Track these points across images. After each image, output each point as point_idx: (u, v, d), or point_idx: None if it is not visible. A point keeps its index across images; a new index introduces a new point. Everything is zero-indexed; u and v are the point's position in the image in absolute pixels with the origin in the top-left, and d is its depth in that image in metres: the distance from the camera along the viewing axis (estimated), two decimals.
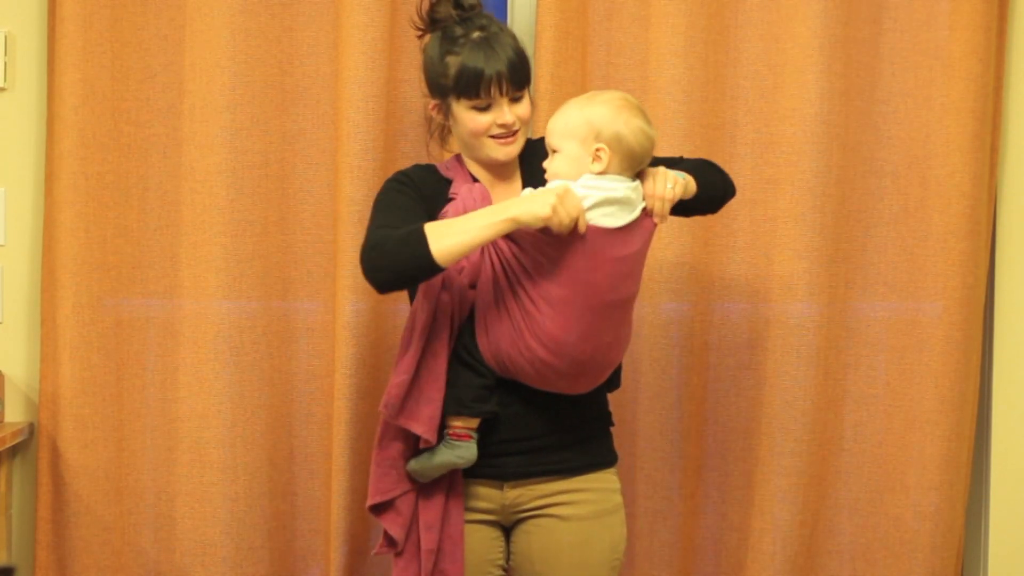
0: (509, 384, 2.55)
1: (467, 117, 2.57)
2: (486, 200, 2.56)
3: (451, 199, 2.59)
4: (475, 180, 2.64)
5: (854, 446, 3.19)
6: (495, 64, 2.52)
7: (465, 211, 2.53)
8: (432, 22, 2.63)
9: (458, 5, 2.60)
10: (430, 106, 2.65)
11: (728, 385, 3.17)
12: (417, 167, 2.69)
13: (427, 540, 2.56)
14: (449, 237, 2.38)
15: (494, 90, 2.53)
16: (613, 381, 2.66)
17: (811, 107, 3.06)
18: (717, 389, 3.17)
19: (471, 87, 2.53)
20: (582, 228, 2.41)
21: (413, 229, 2.41)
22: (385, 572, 3.09)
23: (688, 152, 3.04)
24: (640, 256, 2.53)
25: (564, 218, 2.38)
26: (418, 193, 2.58)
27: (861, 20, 3.14)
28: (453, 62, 2.55)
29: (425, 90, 2.67)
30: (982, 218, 3.15)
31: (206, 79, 3.03)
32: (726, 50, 3.15)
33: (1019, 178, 3.22)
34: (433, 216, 2.54)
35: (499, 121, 2.56)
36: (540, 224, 2.39)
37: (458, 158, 2.69)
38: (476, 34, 2.56)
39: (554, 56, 3.04)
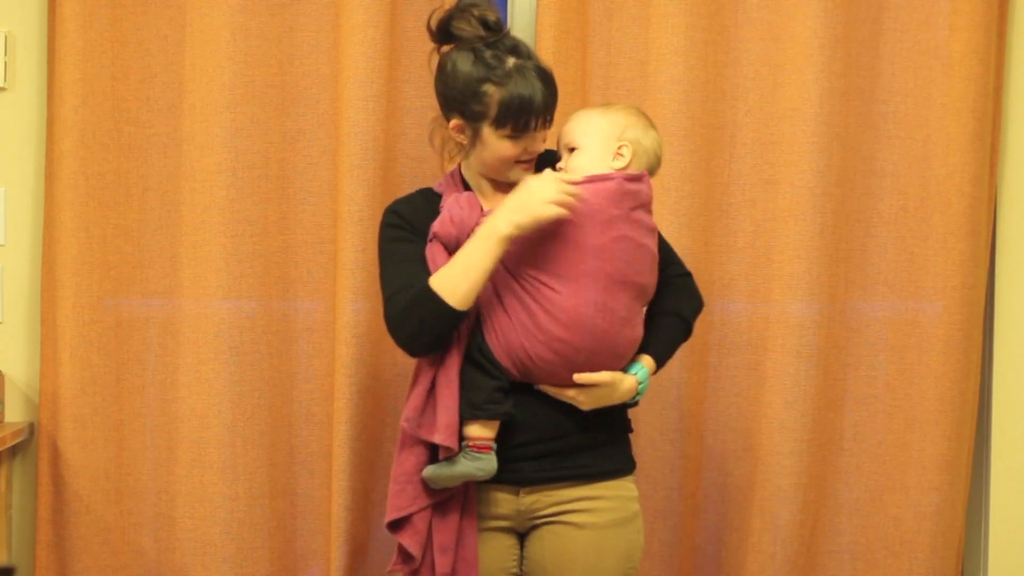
0: (525, 386, 2.54)
1: (499, 145, 2.53)
2: (474, 205, 2.55)
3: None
4: (467, 189, 2.63)
5: (854, 446, 3.19)
6: (539, 98, 2.49)
7: (451, 219, 2.52)
8: (448, 36, 2.56)
9: (485, 25, 2.53)
10: (451, 125, 2.58)
11: (728, 385, 3.17)
12: (406, 201, 2.65)
13: (441, 564, 2.53)
14: (460, 285, 2.44)
15: (535, 123, 2.51)
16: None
17: (811, 107, 3.06)
18: (717, 389, 3.17)
19: (516, 121, 2.50)
20: (582, 193, 2.46)
21: (421, 291, 2.45)
22: (385, 572, 3.09)
23: (688, 152, 3.05)
24: (638, 244, 2.52)
25: (565, 201, 2.44)
26: (412, 229, 2.57)
27: (861, 20, 3.14)
28: (494, 91, 2.49)
29: (439, 106, 2.60)
30: (982, 218, 3.15)
31: (206, 79, 3.03)
32: (726, 50, 3.15)
33: (1019, 178, 3.22)
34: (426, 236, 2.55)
35: (531, 149, 2.55)
36: (548, 223, 2.44)
37: (453, 175, 2.67)
38: (512, 61, 2.50)
39: (554, 56, 3.04)
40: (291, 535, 3.13)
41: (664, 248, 2.67)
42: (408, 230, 2.57)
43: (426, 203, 2.62)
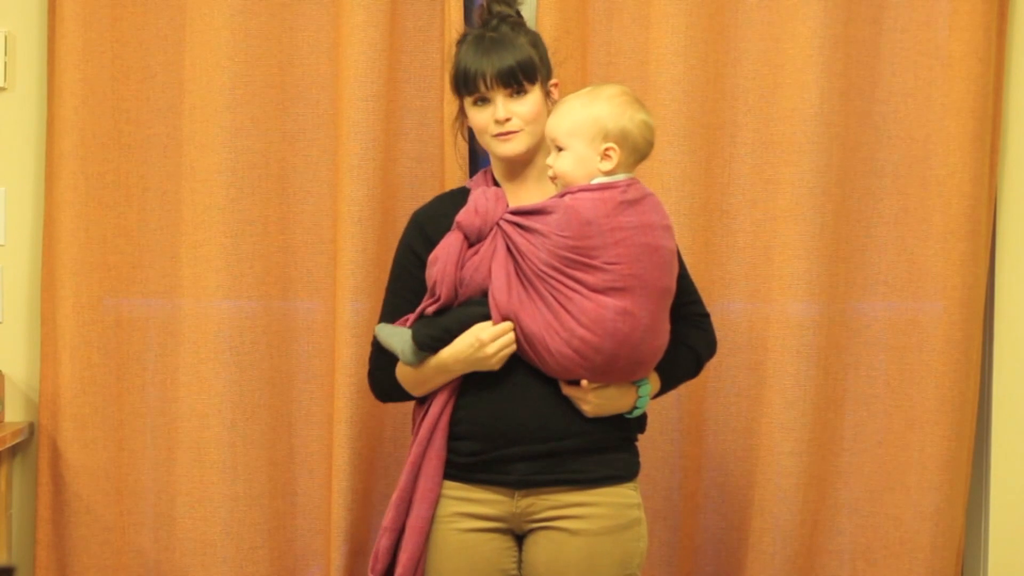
0: (521, 384, 2.53)
1: (470, 113, 2.62)
2: (500, 201, 2.57)
3: None
4: (497, 185, 2.66)
5: (854, 446, 3.19)
6: (482, 60, 2.56)
7: (476, 210, 2.55)
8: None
9: (489, 12, 2.65)
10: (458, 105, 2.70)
11: (728, 385, 3.16)
12: (432, 209, 2.69)
13: (382, 539, 2.60)
14: (414, 389, 2.61)
15: (480, 84, 2.56)
16: (641, 420, 2.66)
17: (811, 107, 3.06)
18: (717, 389, 3.17)
19: (461, 83, 2.59)
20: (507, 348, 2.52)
21: (389, 376, 2.63)
22: None
23: (688, 152, 3.05)
24: (653, 248, 2.52)
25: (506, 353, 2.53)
26: (424, 251, 2.60)
27: (861, 20, 3.14)
28: (454, 60, 2.61)
29: None
30: (982, 218, 3.15)
31: (206, 79, 3.03)
32: (726, 50, 3.15)
33: (1019, 178, 3.22)
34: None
35: (495, 117, 2.57)
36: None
37: (485, 172, 2.70)
38: (487, 34, 2.60)
39: (554, 56, 3.03)
40: (291, 535, 3.13)
41: (686, 283, 2.69)
42: (417, 255, 2.62)
43: (453, 207, 2.63)
